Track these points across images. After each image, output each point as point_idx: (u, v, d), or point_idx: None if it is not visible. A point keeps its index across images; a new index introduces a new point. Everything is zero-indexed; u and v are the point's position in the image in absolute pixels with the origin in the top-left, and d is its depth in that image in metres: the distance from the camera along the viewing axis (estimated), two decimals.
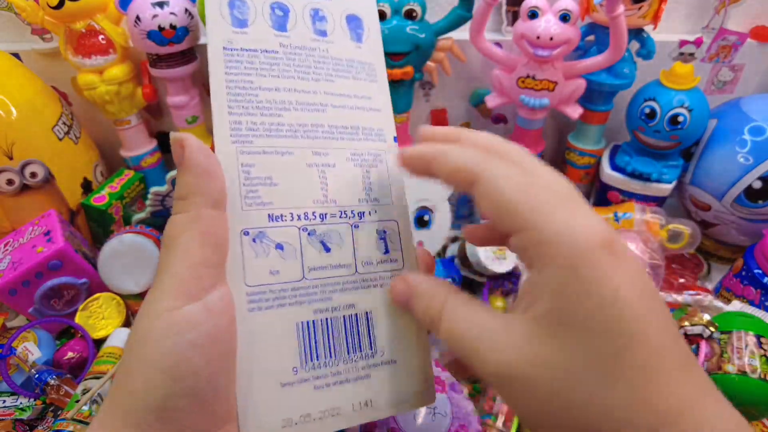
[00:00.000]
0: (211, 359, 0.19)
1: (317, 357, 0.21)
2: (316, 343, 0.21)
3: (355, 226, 0.24)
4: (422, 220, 0.62)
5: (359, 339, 0.23)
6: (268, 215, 0.21)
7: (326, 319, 0.22)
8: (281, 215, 0.22)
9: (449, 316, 0.21)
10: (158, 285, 0.19)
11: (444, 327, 0.21)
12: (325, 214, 0.23)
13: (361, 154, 0.25)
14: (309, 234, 0.22)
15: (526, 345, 0.18)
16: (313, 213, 0.22)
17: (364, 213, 0.24)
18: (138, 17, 0.55)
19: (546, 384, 0.18)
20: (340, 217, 0.23)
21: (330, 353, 0.22)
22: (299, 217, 0.22)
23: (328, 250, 0.23)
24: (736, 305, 0.55)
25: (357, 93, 0.26)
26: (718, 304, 0.55)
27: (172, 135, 0.21)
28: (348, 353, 0.22)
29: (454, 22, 0.59)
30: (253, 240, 0.21)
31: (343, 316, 0.22)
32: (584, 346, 0.17)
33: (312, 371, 0.21)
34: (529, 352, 0.18)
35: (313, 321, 0.22)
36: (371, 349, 0.23)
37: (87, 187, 0.63)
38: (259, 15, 0.24)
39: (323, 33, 0.26)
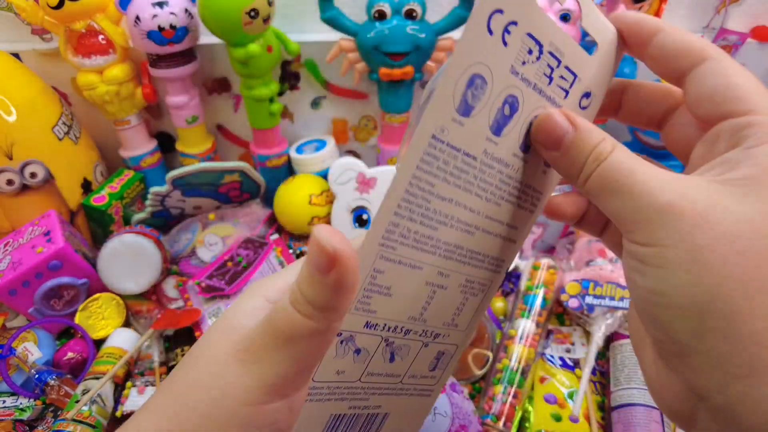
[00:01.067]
0: None
1: None
2: (336, 430, 0.23)
3: (425, 345, 0.23)
4: None
5: (368, 430, 0.24)
6: (366, 323, 0.21)
7: (355, 414, 0.23)
8: (376, 324, 0.21)
9: (621, 157, 0.19)
10: (256, 370, 0.18)
11: (612, 161, 0.19)
12: (411, 330, 0.22)
13: (472, 282, 0.23)
14: (387, 344, 0.22)
15: (715, 193, 0.17)
16: (402, 327, 0.22)
17: (440, 335, 0.23)
18: (138, 17, 0.55)
19: (728, 226, 0.16)
20: (420, 335, 0.23)
21: None
22: (389, 329, 0.21)
23: (392, 360, 0.22)
24: None
25: (510, 221, 0.23)
26: None
27: (320, 234, 0.17)
28: None
29: (455, 21, 0.59)
30: (341, 342, 0.21)
31: (368, 414, 0.23)
32: None
33: None
34: (716, 198, 0.17)
35: (345, 414, 0.22)
36: None
37: (87, 187, 0.63)
38: (487, 106, 0.19)
39: (527, 148, 0.22)
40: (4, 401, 0.49)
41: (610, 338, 0.53)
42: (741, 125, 0.18)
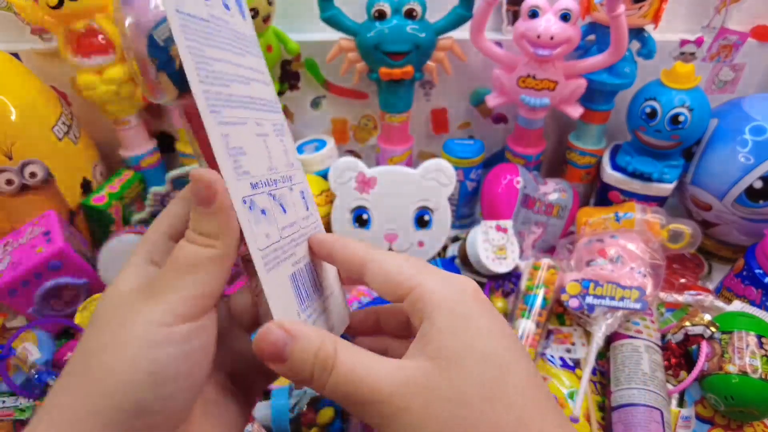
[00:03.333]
0: (192, 370, 0.21)
1: (304, 300, 0.25)
2: (300, 289, 0.25)
3: (290, 189, 0.27)
4: (422, 220, 0.62)
5: (315, 281, 0.27)
6: (251, 183, 0.23)
7: (299, 269, 0.25)
8: (257, 183, 0.24)
9: (344, 359, 0.21)
10: (161, 299, 0.21)
11: (341, 371, 0.21)
12: (276, 180, 0.25)
13: (275, 124, 0.27)
14: (273, 198, 0.25)
15: (420, 377, 0.20)
16: (271, 179, 0.25)
17: (292, 177, 0.27)
18: None
19: (438, 408, 0.20)
20: (282, 182, 0.26)
21: (308, 295, 0.26)
22: (265, 184, 0.24)
23: (285, 211, 0.25)
24: (737, 305, 0.54)
25: (260, 68, 0.27)
26: (719, 304, 0.55)
27: (195, 172, 0.21)
28: (315, 293, 0.26)
29: (455, 21, 0.59)
30: (250, 208, 0.23)
31: (303, 265, 0.26)
32: (470, 372, 0.20)
33: (304, 312, 0.25)
34: (424, 383, 0.20)
35: (294, 272, 0.25)
36: (322, 287, 0.27)
37: (86, 187, 0.63)
38: None
39: (227, 7, 0.25)
40: (3, 401, 0.49)
41: (611, 338, 0.53)
42: (412, 301, 0.23)
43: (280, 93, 0.68)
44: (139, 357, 0.19)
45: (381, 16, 0.57)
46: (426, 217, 0.62)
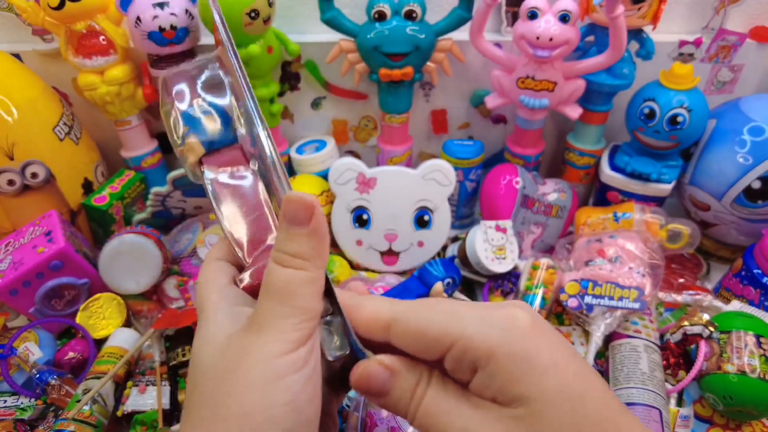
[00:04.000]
0: (317, 390, 0.21)
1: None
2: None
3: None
4: (422, 220, 0.62)
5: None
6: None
7: None
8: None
9: (431, 402, 0.21)
10: (270, 331, 0.20)
11: (423, 413, 0.21)
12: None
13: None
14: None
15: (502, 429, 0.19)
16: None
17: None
18: (139, 18, 0.55)
19: None
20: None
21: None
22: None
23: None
24: (735, 305, 0.55)
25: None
26: (718, 304, 0.55)
27: (291, 194, 0.21)
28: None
29: (454, 22, 0.59)
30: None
31: None
32: (547, 419, 0.19)
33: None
34: None
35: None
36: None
37: (88, 187, 0.64)
38: None
39: None
40: (5, 401, 0.49)
41: (609, 338, 0.53)
42: (458, 356, 0.20)
43: (281, 94, 0.68)
44: (270, 391, 0.19)
45: (381, 17, 0.57)
46: (426, 217, 0.62)
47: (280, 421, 0.19)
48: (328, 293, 0.23)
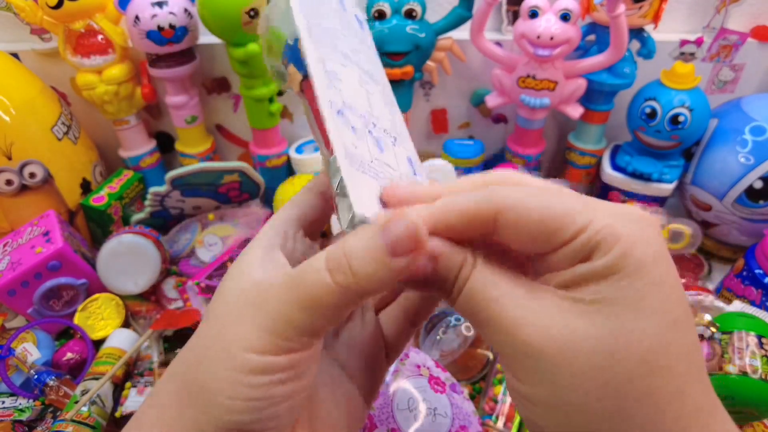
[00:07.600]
0: (293, 395, 0.20)
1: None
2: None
3: (393, 143, 0.26)
4: None
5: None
6: (342, 101, 0.23)
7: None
8: (350, 105, 0.24)
9: (478, 278, 0.18)
10: (265, 319, 0.19)
11: (470, 289, 0.18)
12: (375, 124, 0.25)
13: (386, 95, 0.28)
14: (369, 131, 0.24)
15: (570, 319, 0.17)
16: (367, 118, 0.25)
17: (396, 138, 0.27)
18: (137, 17, 0.55)
19: (585, 360, 0.16)
20: (384, 132, 0.26)
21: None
22: (360, 116, 0.24)
23: (381, 150, 0.24)
24: (737, 305, 0.54)
25: (372, 64, 0.29)
26: (719, 304, 0.55)
27: (415, 223, 0.17)
28: None
29: (455, 21, 0.59)
30: (338, 112, 0.22)
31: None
32: (631, 326, 0.16)
33: None
34: (572, 327, 0.17)
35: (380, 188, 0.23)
36: None
37: (86, 187, 0.63)
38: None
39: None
40: (3, 402, 0.49)
41: None
42: (582, 247, 0.17)
43: (280, 93, 0.68)
44: (237, 383, 0.19)
45: (381, 16, 0.57)
46: None
47: (238, 412, 0.19)
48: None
